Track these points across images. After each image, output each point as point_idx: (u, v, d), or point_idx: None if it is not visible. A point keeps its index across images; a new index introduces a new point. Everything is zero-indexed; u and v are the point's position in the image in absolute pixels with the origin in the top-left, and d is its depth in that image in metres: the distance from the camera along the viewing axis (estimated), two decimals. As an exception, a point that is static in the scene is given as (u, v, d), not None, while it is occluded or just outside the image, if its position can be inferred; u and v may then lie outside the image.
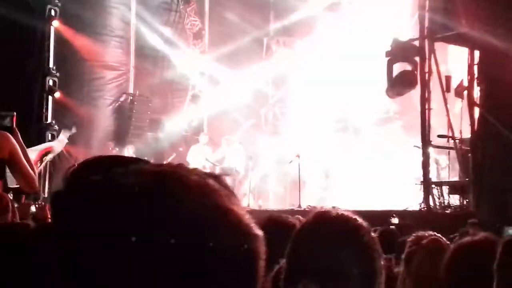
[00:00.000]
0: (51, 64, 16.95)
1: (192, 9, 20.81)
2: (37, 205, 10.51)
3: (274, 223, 3.77)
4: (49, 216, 8.49)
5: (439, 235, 4.47)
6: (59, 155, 16.60)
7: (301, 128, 18.53)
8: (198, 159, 17.80)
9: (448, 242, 4.42)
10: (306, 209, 13.75)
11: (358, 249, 2.14)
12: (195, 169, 1.06)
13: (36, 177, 5.41)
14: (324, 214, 2.23)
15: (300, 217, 7.86)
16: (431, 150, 13.47)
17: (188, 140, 19.51)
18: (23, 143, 5.32)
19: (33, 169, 5.18)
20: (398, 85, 13.62)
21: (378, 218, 11.09)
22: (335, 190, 16.75)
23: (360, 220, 2.20)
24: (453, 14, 12.64)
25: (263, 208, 15.79)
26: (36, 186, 5.50)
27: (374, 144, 17.25)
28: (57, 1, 16.97)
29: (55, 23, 17.01)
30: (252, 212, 1.16)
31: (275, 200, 18.47)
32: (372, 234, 2.23)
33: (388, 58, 13.65)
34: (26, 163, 5.05)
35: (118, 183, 0.98)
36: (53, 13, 16.93)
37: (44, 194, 16.01)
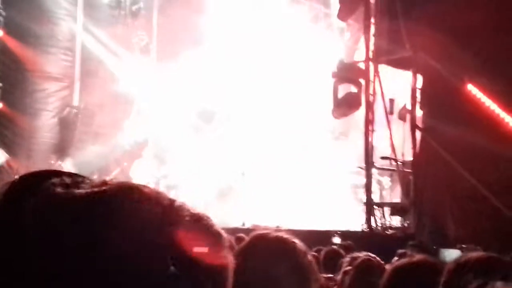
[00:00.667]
0: (-7, 75, 16.63)
1: (139, 23, 20.73)
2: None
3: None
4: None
5: (373, 255, 4.53)
6: (0, 169, 16.30)
7: (247, 145, 18.55)
8: (142, 174, 17.65)
9: (382, 262, 4.48)
10: (250, 228, 13.73)
11: (293, 270, 2.15)
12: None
13: None
14: (262, 235, 2.25)
15: (244, 236, 7.87)
16: (374, 171, 13.66)
17: (132, 155, 19.33)
18: None
19: None
20: (344, 106, 13.80)
21: (321, 237, 11.19)
22: (280, 207, 16.79)
23: (297, 242, 2.22)
24: (397, 38, 12.87)
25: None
26: None
27: (320, 163, 17.41)
28: (1, 10, 16.66)
29: (-1, 33, 16.73)
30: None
31: (220, 217, 18.36)
32: (309, 256, 2.24)
33: (334, 80, 13.81)
34: None
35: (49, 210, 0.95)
36: (-4, 22, 16.64)
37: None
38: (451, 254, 7.20)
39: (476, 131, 11.68)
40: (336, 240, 11.06)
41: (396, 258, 7.14)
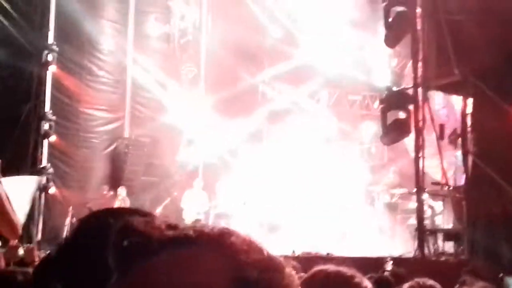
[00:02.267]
0: (47, 109, 17.01)
1: (188, 55, 21.04)
2: (25, 248, 10.48)
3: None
4: (36, 260, 8.45)
5: (433, 282, 4.48)
6: (53, 198, 16.62)
7: (291, 171, 18.58)
8: (192, 204, 17.79)
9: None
10: (301, 255, 13.70)
11: None
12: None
13: (19, 223, 5.32)
14: (323, 270, 2.26)
15: (295, 264, 7.85)
16: (425, 196, 13.54)
17: (182, 185, 19.50)
18: (4, 189, 5.12)
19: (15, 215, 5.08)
20: (392, 132, 13.74)
21: (372, 265, 11.09)
22: (329, 234, 16.72)
23: (357, 276, 2.23)
24: (445, 63, 12.81)
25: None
26: (19, 233, 5.40)
27: (367, 191, 17.33)
28: (54, 46, 17.10)
29: (52, 68, 17.12)
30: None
31: (270, 246, 18.32)
32: None
33: (381, 106, 13.79)
34: (9, 209, 4.93)
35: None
36: (50, 58, 17.04)
37: (37, 237, 15.97)
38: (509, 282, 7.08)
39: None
40: (388, 266, 10.95)
41: (457, 285, 7.07)
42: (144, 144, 19.25)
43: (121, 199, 17.14)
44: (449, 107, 16.63)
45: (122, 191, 17.39)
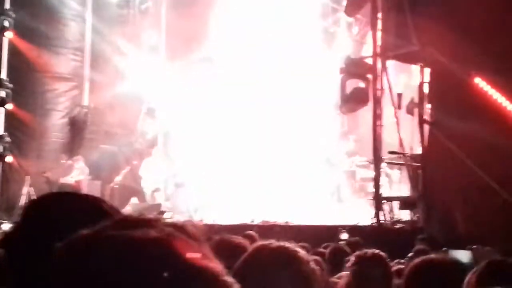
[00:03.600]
0: (4, 76, 16.71)
1: (148, 22, 20.80)
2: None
3: (225, 246, 3.81)
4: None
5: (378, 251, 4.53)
6: (10, 166, 16.43)
7: (254, 140, 18.60)
8: (151, 173, 17.75)
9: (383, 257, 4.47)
10: (260, 224, 13.80)
11: (296, 279, 2.16)
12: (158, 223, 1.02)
13: None
14: (264, 246, 2.27)
15: (253, 233, 7.92)
16: (383, 165, 13.69)
17: (142, 154, 19.42)
18: None
19: None
20: (351, 101, 13.84)
21: (329, 233, 11.24)
22: (288, 203, 16.84)
23: (299, 250, 2.24)
24: (404, 33, 12.89)
25: (217, 223, 15.77)
26: None
27: (325, 159, 17.46)
28: (11, 12, 16.75)
29: (9, 34, 16.77)
30: (207, 228, 1.15)
31: (228, 214, 18.44)
32: (312, 264, 2.26)
33: (341, 75, 13.85)
34: None
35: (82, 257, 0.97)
36: (6, 24, 16.69)
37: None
38: (460, 255, 7.20)
39: (484, 124, 11.69)
40: (344, 236, 11.08)
41: (412, 253, 7.19)
42: (103, 112, 19.06)
43: (78, 167, 16.99)
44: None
45: (79, 160, 17.22)
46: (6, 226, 11.87)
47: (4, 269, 1.58)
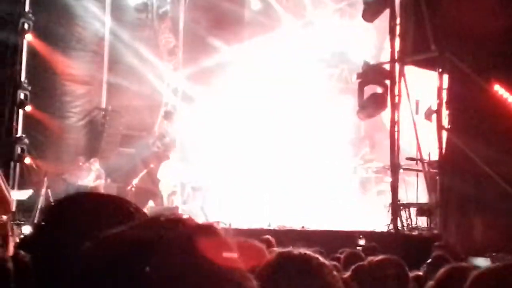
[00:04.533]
0: (23, 78, 16.83)
1: (167, 26, 20.88)
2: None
3: (241, 250, 3.80)
4: (9, 234, 8.44)
5: (394, 257, 4.51)
6: (28, 168, 16.52)
7: (271, 144, 18.60)
8: (169, 176, 17.78)
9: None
10: (276, 229, 13.80)
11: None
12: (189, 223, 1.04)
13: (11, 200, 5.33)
14: (287, 254, 2.25)
15: (269, 237, 7.91)
16: (400, 171, 13.63)
17: (159, 157, 19.47)
18: None
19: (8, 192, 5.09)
20: (369, 107, 13.80)
21: (346, 238, 11.21)
22: (304, 207, 16.82)
23: (321, 259, 2.23)
24: (422, 39, 12.85)
25: (233, 226, 15.78)
26: (11, 210, 5.42)
27: (342, 164, 17.42)
28: (30, 14, 16.88)
29: (28, 37, 16.90)
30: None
31: (246, 218, 18.44)
32: (335, 273, 2.25)
33: (359, 81, 13.82)
34: (3, 186, 4.93)
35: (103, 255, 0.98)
36: (26, 26, 16.82)
37: (12, 208, 15.90)
38: (479, 263, 7.15)
39: (503, 132, 11.64)
40: (361, 241, 11.06)
41: (430, 260, 7.14)
42: (121, 115, 19.13)
43: (95, 170, 17.06)
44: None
45: (95, 162, 17.29)
46: (26, 228, 11.91)
47: (29, 272, 1.57)
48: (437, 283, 3.19)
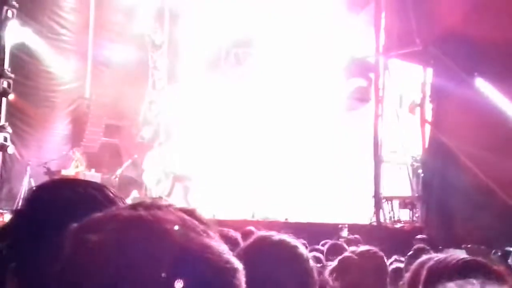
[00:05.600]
0: (6, 66, 16.70)
1: (153, 17, 20.76)
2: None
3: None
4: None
5: (374, 248, 4.56)
6: (11, 157, 16.44)
7: (256, 136, 18.59)
8: (153, 166, 17.77)
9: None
10: (260, 220, 13.84)
11: (295, 275, 2.20)
12: (168, 208, 1.06)
13: None
14: (265, 238, 2.28)
15: (252, 228, 7.94)
16: (383, 164, 13.70)
17: (143, 146, 19.43)
18: None
19: None
20: (353, 100, 13.86)
21: (329, 230, 11.27)
22: (289, 199, 16.86)
23: (300, 246, 2.26)
24: (407, 32, 12.91)
25: (216, 218, 15.81)
26: None
27: (328, 156, 17.44)
28: (14, 2, 16.73)
29: (12, 25, 16.77)
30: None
31: (229, 208, 18.48)
32: (311, 261, 2.29)
33: (344, 74, 13.87)
34: None
35: (88, 241, 0.99)
36: (9, 14, 16.67)
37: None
38: (457, 254, 7.24)
39: (485, 126, 11.72)
40: (344, 233, 11.13)
41: (410, 252, 7.20)
42: (105, 104, 19.04)
43: (77, 159, 17.00)
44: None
45: (77, 152, 17.20)
46: (8, 217, 11.87)
47: (4, 261, 1.58)
48: (412, 275, 3.23)
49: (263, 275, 2.12)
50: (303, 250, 2.29)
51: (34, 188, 1.75)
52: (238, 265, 1.06)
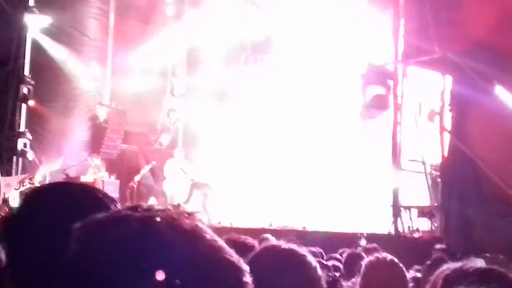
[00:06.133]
0: (26, 72, 16.84)
1: (171, 22, 20.85)
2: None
3: (232, 244, 3.80)
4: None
5: (390, 257, 4.52)
6: (31, 164, 16.53)
7: (275, 145, 18.58)
8: (172, 174, 17.80)
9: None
10: (277, 229, 13.81)
11: (301, 284, 2.20)
12: (178, 212, 1.08)
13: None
14: (273, 247, 2.29)
15: (269, 236, 7.92)
16: (402, 173, 13.61)
17: (162, 154, 19.48)
18: None
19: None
20: (371, 108, 13.79)
21: (346, 239, 11.22)
22: (306, 208, 16.81)
23: (307, 255, 2.25)
24: (426, 39, 12.84)
25: (234, 225, 15.77)
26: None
27: (346, 165, 17.38)
28: (34, 9, 16.88)
29: (32, 31, 16.92)
30: (219, 230, 1.23)
31: (247, 217, 18.46)
32: (319, 270, 2.28)
33: (362, 81, 13.82)
34: None
35: (106, 233, 1.01)
36: (30, 20, 16.84)
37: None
38: (475, 263, 7.17)
39: (505, 134, 11.63)
40: (362, 242, 11.07)
41: (429, 262, 7.14)
42: (124, 111, 19.12)
43: (95, 166, 17.05)
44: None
45: (96, 159, 17.25)
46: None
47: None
48: (431, 286, 3.21)
49: (271, 284, 2.12)
50: (311, 258, 2.29)
51: (26, 192, 1.80)
52: (246, 267, 1.10)
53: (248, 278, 1.08)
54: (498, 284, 2.33)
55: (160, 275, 0.96)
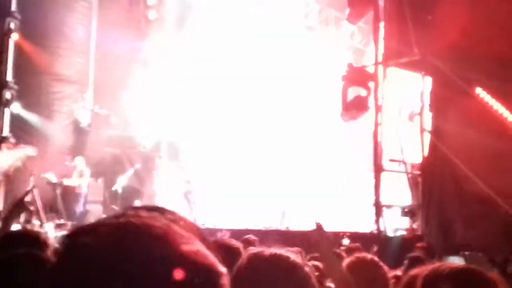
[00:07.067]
0: (9, 77, 16.83)
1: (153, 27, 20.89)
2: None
3: (216, 247, 3.89)
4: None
5: (370, 256, 4.61)
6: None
7: (258, 145, 18.68)
8: (160, 176, 17.89)
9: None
10: (262, 230, 13.91)
11: (292, 285, 2.23)
12: (152, 216, 1.09)
13: None
14: (257, 255, 2.30)
15: (252, 237, 8.02)
16: (383, 173, 13.75)
17: (145, 157, 19.52)
18: None
19: None
20: (352, 109, 13.92)
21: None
22: (289, 208, 16.92)
23: (293, 257, 2.29)
24: (406, 42, 13.00)
25: (218, 227, 15.86)
26: None
27: (328, 165, 17.54)
28: (16, 14, 16.87)
29: (14, 36, 16.90)
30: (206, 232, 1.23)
31: (231, 219, 18.53)
32: (307, 268, 2.33)
33: (343, 83, 13.95)
34: None
35: (78, 243, 1.03)
36: (12, 26, 16.82)
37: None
38: (454, 261, 7.30)
39: (485, 134, 11.79)
40: (345, 241, 11.20)
41: (406, 261, 7.28)
42: (107, 115, 19.14)
43: (79, 170, 17.08)
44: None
45: (80, 162, 17.26)
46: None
47: None
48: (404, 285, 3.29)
49: None
50: (296, 258, 2.32)
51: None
52: (222, 269, 1.08)
53: (225, 280, 1.08)
54: (474, 282, 2.38)
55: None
